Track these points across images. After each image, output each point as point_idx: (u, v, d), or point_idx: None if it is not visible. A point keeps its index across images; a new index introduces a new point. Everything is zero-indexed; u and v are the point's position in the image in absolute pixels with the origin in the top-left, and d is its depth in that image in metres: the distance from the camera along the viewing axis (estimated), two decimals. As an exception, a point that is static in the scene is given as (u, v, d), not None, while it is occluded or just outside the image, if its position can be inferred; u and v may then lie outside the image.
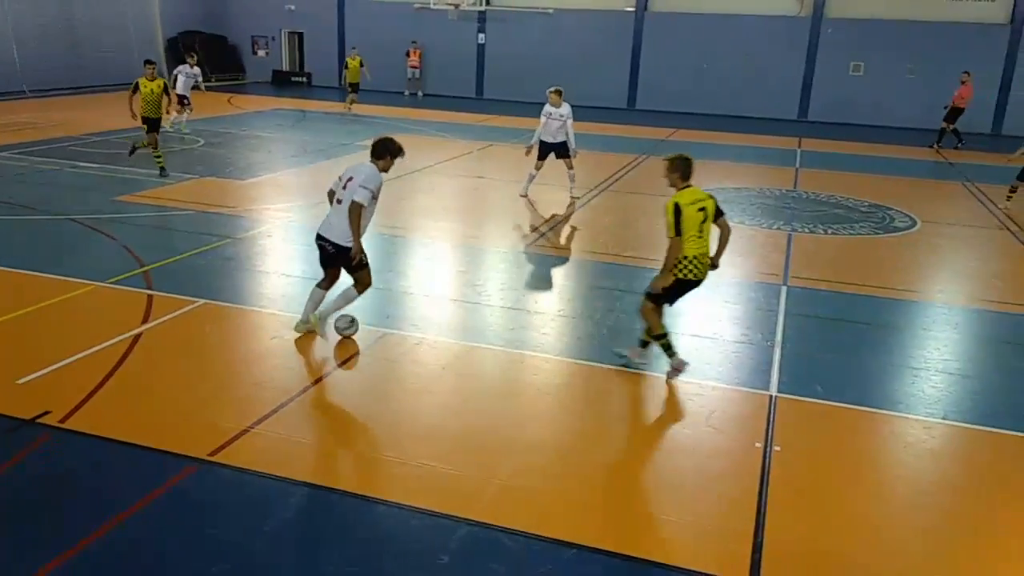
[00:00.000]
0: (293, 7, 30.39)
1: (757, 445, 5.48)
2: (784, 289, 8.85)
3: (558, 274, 9.37)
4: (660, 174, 6.55)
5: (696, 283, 6.41)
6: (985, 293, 9.22)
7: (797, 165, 17.46)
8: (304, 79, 31.19)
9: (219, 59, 30.63)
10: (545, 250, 10.28)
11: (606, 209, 12.73)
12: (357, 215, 6.38)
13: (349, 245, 6.50)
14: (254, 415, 5.55)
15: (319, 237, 6.70)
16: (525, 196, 12.91)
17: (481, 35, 28.67)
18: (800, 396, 6.27)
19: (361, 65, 22.75)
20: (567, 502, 4.80)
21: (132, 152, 13.96)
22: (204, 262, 8.93)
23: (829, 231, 11.58)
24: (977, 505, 5.03)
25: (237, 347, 6.91)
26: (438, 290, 8.57)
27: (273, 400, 5.81)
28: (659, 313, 6.47)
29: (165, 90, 13.34)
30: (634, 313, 7.84)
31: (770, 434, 5.64)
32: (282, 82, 31.11)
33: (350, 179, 6.52)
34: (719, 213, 6.44)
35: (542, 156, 12.76)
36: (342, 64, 25.85)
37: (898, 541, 4.60)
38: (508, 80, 28.00)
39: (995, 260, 10.72)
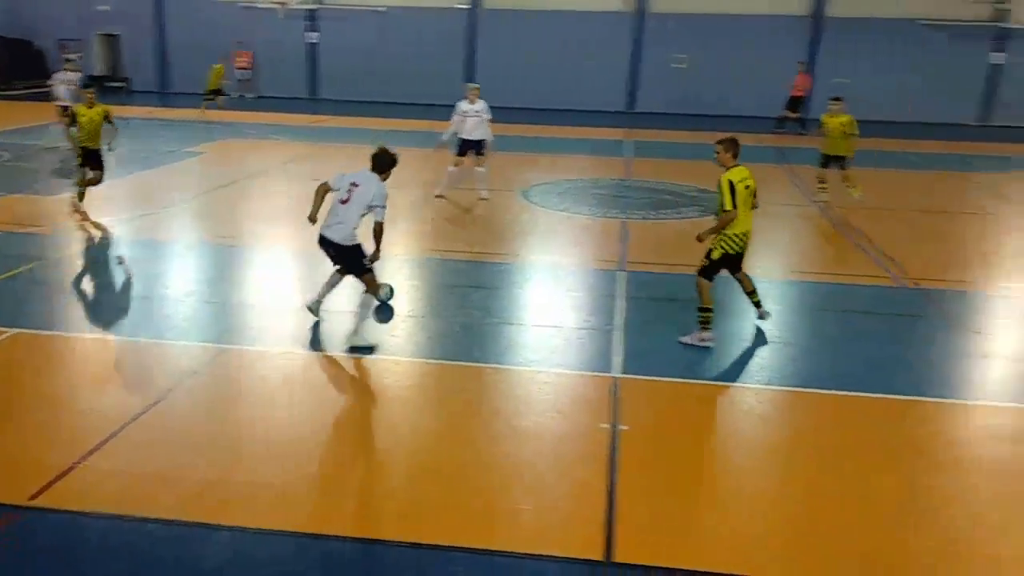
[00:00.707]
0: (107, 7, 28.37)
1: (604, 426, 5.68)
2: (621, 274, 9.21)
3: (404, 274, 9.31)
4: (712, 154, 7.27)
5: (740, 255, 7.20)
6: (800, 265, 10.00)
7: (628, 155, 18.21)
8: (122, 84, 29.22)
9: (22, 65, 28.14)
10: (393, 251, 10.17)
11: (449, 207, 12.74)
12: (380, 232, 6.84)
13: (350, 245, 6.87)
14: (82, 449, 5.15)
15: (324, 240, 6.94)
16: (442, 197, 12.84)
17: (313, 34, 27.97)
18: (642, 375, 6.55)
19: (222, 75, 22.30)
20: (423, 503, 4.78)
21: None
22: (13, 287, 8.19)
23: (660, 216, 12.17)
24: (807, 464, 5.44)
25: (57, 377, 6.39)
26: (279, 300, 8.29)
27: (102, 430, 5.41)
28: (707, 288, 7.15)
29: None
30: (485, 309, 7.94)
31: (615, 414, 5.86)
32: (96, 88, 28.98)
33: (354, 184, 6.87)
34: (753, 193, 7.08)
35: (461, 153, 12.77)
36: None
37: (744, 505, 4.90)
38: (343, 80, 27.50)
39: (808, 236, 11.64)
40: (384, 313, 7.66)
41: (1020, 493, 5.09)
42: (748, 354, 7.12)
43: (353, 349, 6.81)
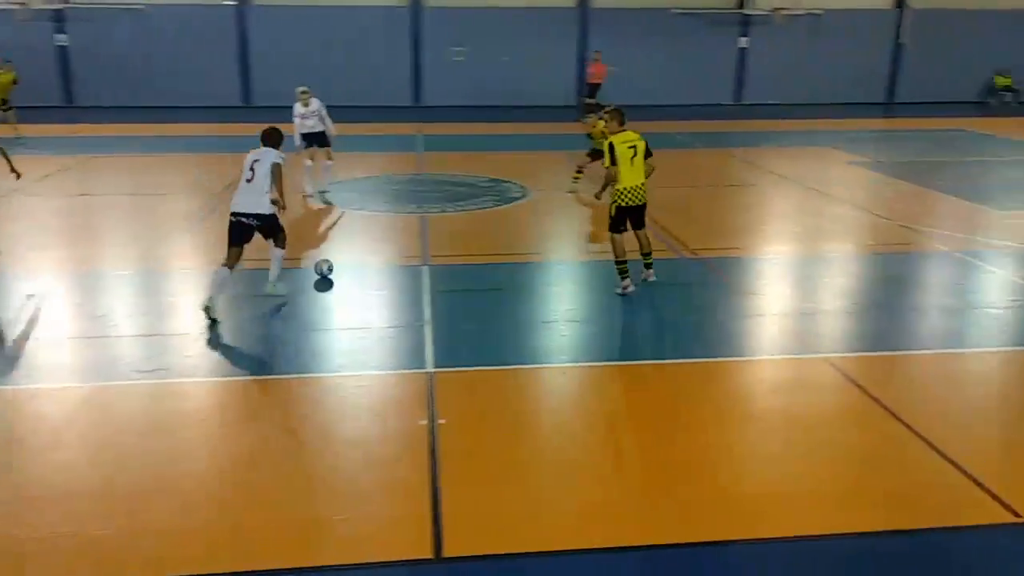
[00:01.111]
0: None
1: (422, 423, 5.66)
2: (426, 269, 9.21)
3: (191, 289, 8.72)
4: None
5: (636, 208, 8.29)
6: (591, 247, 10.49)
7: (420, 150, 18.23)
8: None
9: None
10: (171, 265, 9.51)
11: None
12: (280, 175, 7.67)
13: (268, 212, 7.65)
14: None
15: (237, 215, 7.65)
16: (311, 195, 12.67)
17: (61, 36, 25.39)
18: (455, 367, 6.59)
19: (15, 81, 19.63)
20: (238, 531, 4.52)
21: None
22: None
23: (458, 208, 12.30)
24: (620, 432, 5.74)
25: None
26: (52, 329, 7.48)
27: None
28: (617, 241, 8.25)
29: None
30: (286, 317, 7.62)
31: (433, 409, 5.85)
32: None
33: (256, 161, 7.73)
34: (648, 153, 8.31)
35: (308, 146, 12.75)
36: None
37: (565, 482, 5.06)
38: (101, 85, 25.24)
39: (596, 215, 12.22)
40: (324, 285, 8.56)
41: (800, 436, 5.67)
42: (553, 336, 7.38)
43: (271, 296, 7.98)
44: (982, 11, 27.40)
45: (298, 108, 12.70)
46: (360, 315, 7.83)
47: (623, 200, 8.20)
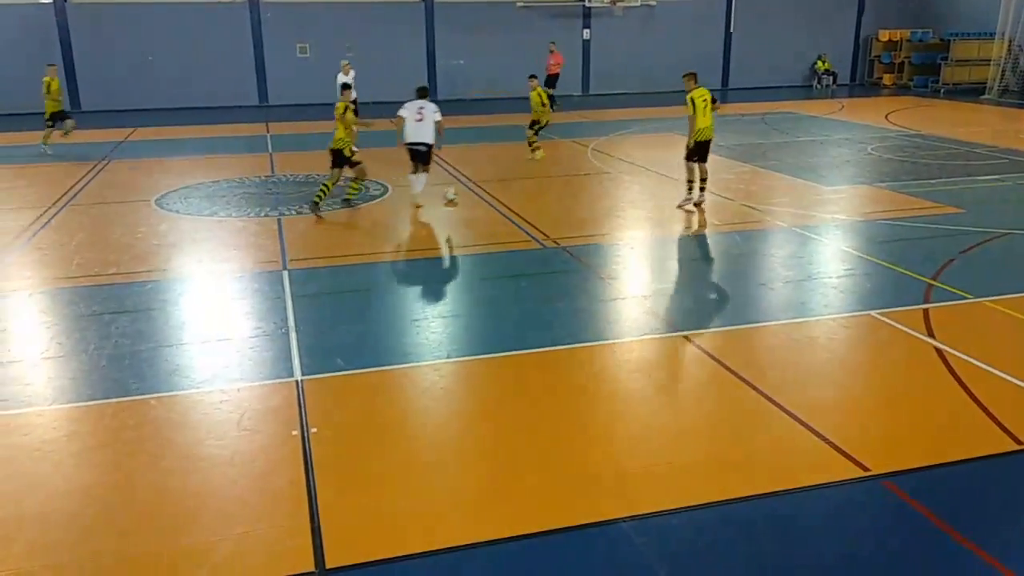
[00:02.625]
0: None
1: (294, 433, 5.48)
2: (285, 273, 8.91)
3: (29, 310, 8.04)
4: (681, 84, 11.43)
5: (705, 142, 11.33)
6: (457, 240, 10.49)
7: (270, 150, 17.60)
8: None
9: None
10: (9, 286, 8.71)
11: (77, 226, 11.24)
12: (441, 127, 11.69)
13: (431, 143, 11.60)
14: None
15: (414, 144, 11.57)
16: None
17: None
18: (324, 373, 6.42)
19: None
20: (99, 567, 4.21)
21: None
22: None
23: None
24: (497, 423, 5.76)
25: None
26: None
27: None
28: (692, 168, 11.50)
29: None
30: (137, 335, 7.17)
31: (304, 418, 5.68)
32: None
33: (421, 108, 11.52)
34: (714, 100, 11.37)
35: None
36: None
37: (443, 479, 5.04)
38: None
39: (457, 210, 12.24)
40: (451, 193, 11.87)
41: (665, 412, 5.91)
42: (423, 333, 7.33)
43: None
44: None
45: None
46: (219, 326, 7.48)
47: (699, 136, 11.24)
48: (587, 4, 27.46)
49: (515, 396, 6.18)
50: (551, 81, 24.37)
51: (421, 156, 11.71)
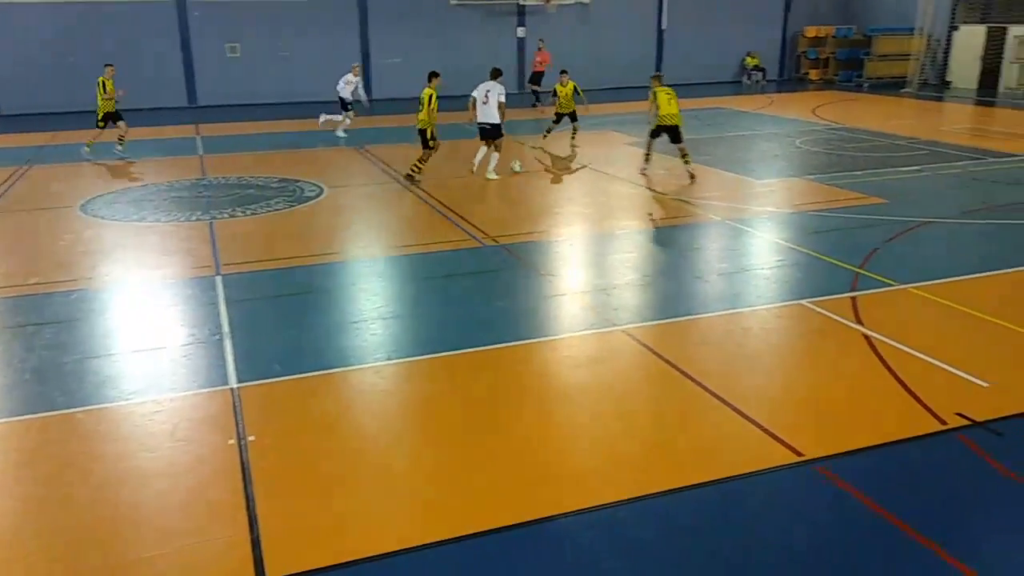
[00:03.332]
0: None
1: (231, 442, 5.36)
2: (219, 279, 8.71)
3: (-55, 325, 7.70)
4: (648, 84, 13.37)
5: (669, 127, 13.39)
6: (397, 240, 10.40)
7: (200, 152, 17.18)
8: None
9: None
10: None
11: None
12: (503, 108, 13.26)
13: (497, 123, 13.21)
14: None
15: (482, 123, 13.36)
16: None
17: None
18: (261, 380, 6.29)
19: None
20: (30, 587, 4.06)
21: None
22: None
23: (248, 212, 11.73)
24: (439, 426, 5.73)
25: None
26: None
27: None
28: (651, 143, 13.89)
29: None
30: (62, 346, 6.92)
31: (241, 427, 5.56)
32: None
33: (488, 91, 13.15)
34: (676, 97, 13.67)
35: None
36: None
37: (386, 482, 4.99)
38: None
39: (396, 210, 12.16)
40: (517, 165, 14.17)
41: (608, 406, 5.97)
42: (363, 335, 7.25)
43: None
44: (730, -2, 30.15)
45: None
46: (149, 335, 7.26)
47: (662, 121, 13.37)
48: (521, 2, 27.52)
49: (458, 396, 6.16)
50: (536, 78, 24.79)
51: (488, 134, 13.50)
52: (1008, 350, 6.75)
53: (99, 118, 16.09)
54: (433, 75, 13.40)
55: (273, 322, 7.57)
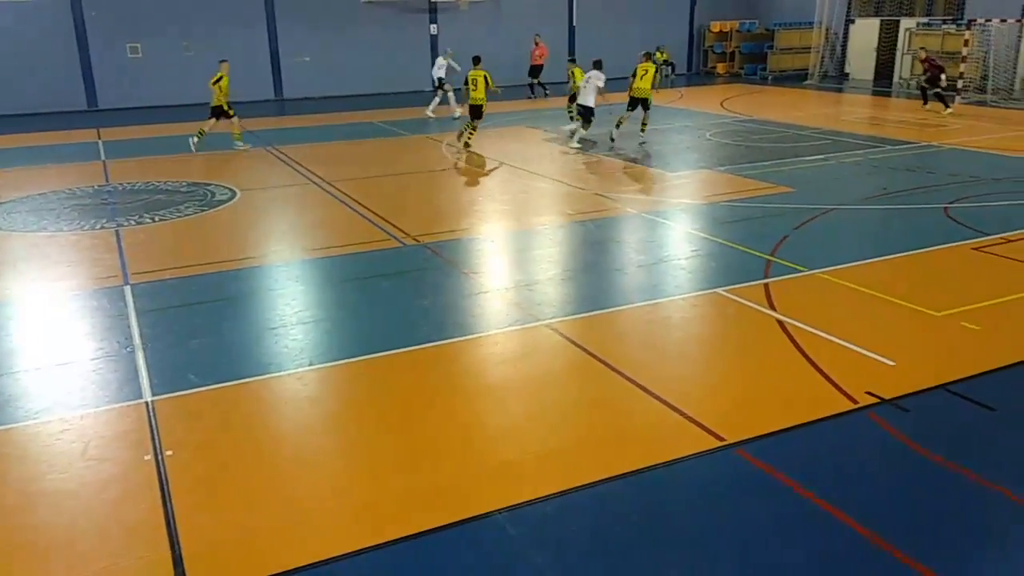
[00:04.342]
0: None
1: (147, 458, 5.17)
2: (128, 288, 8.38)
3: None
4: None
5: (638, 99, 16.26)
6: (313, 243, 10.21)
7: (103, 157, 16.47)
8: None
9: None
10: None
11: None
12: (596, 91, 15.65)
13: (591, 106, 15.70)
14: None
15: (581, 104, 15.95)
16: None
17: None
18: (177, 392, 6.09)
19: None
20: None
21: None
22: None
23: (157, 218, 11.31)
24: (362, 429, 5.66)
25: None
26: None
27: None
28: (624, 116, 16.41)
29: None
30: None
31: (157, 441, 5.37)
32: None
33: (589, 77, 15.69)
34: (662, 66, 19.18)
35: None
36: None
37: (312, 489, 4.89)
38: None
39: (312, 211, 11.93)
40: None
41: (534, 401, 6.01)
42: (283, 342, 7.09)
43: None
44: (638, -7, 30.74)
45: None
46: (55, 350, 6.93)
47: (634, 94, 16.29)
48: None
49: (384, 398, 6.09)
50: (535, 71, 25.16)
51: (582, 113, 16.12)
52: (911, 329, 7.10)
53: (225, 108, 16.51)
54: (477, 59, 16.99)
55: (187, 332, 7.33)
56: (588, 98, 15.84)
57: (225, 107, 16.48)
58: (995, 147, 15.57)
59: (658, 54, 31.09)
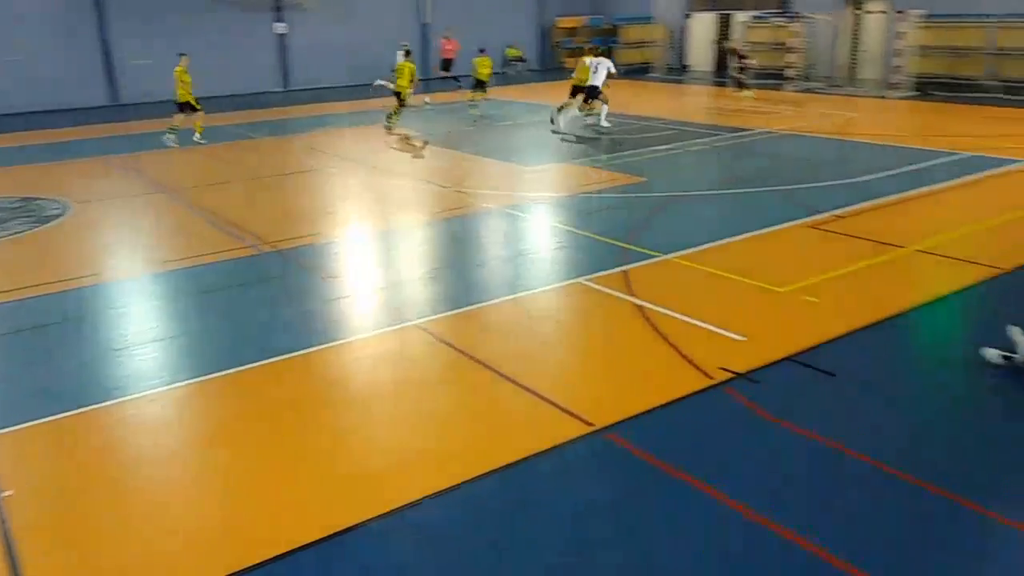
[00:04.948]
0: None
1: (-16, 501, 4.73)
2: (-50, 317, 7.63)
3: None
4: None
5: (582, 87, 17.27)
6: (165, 255, 9.64)
7: (-87, 174, 14.91)
8: None
9: None
10: None
11: None
12: (608, 73, 17.13)
13: (599, 84, 16.98)
14: None
15: (589, 85, 17.10)
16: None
17: None
18: (14, 426, 5.60)
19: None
20: None
21: None
22: None
23: (-19, 238, 10.37)
24: (217, 449, 5.40)
25: None
26: None
27: None
28: (571, 103, 17.86)
29: None
30: None
31: (-5, 482, 4.92)
32: None
33: (598, 65, 16.97)
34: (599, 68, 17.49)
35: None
36: None
37: (174, 516, 4.63)
38: None
39: (160, 222, 11.28)
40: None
41: (408, 403, 5.95)
42: (134, 362, 6.66)
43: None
44: (487, -8, 31.02)
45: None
46: None
47: (575, 82, 17.63)
48: (277, -3, 26.52)
49: (249, 414, 5.84)
50: (446, 65, 24.73)
51: (589, 91, 17.33)
52: (758, 305, 7.53)
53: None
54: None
55: (22, 360, 6.76)
56: (597, 79, 17.34)
57: (192, 102, 16.63)
58: (822, 131, 16.78)
59: (509, 50, 31.65)
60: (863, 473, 4.92)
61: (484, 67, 20.92)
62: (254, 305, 7.96)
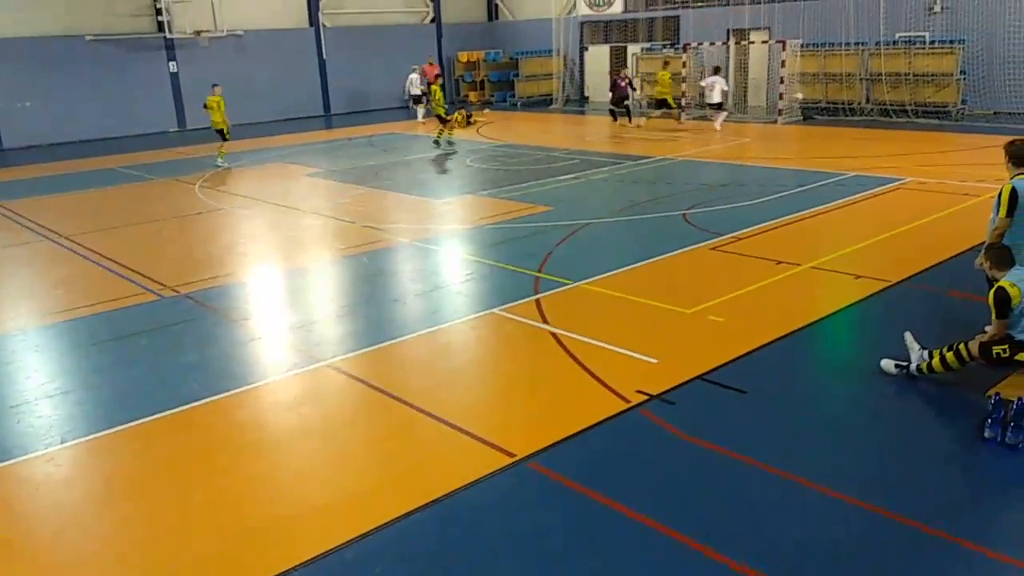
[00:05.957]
0: None
1: None
2: None
3: None
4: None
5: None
6: (55, 305, 9.18)
7: None
8: None
9: None
10: None
11: None
12: (721, 92, 21.68)
13: (719, 101, 21.57)
14: None
15: (709, 103, 21.53)
16: None
17: None
18: None
19: None
20: None
21: None
22: None
23: None
24: (127, 504, 5.14)
25: None
26: None
27: None
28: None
29: None
30: None
31: None
32: None
33: (714, 83, 21.08)
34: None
35: None
36: None
37: (72, 584, 4.37)
38: None
39: (49, 271, 10.73)
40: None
41: (323, 446, 5.81)
42: (27, 419, 6.28)
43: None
44: (384, 26, 31.11)
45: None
46: None
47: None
48: (168, 36, 25.84)
49: (156, 467, 5.58)
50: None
51: (712, 105, 21.43)
52: (667, 327, 7.73)
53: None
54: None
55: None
56: (714, 96, 21.10)
57: (225, 129, 18.35)
58: (718, 157, 17.48)
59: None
60: (774, 484, 5.09)
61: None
62: (157, 353, 7.64)
